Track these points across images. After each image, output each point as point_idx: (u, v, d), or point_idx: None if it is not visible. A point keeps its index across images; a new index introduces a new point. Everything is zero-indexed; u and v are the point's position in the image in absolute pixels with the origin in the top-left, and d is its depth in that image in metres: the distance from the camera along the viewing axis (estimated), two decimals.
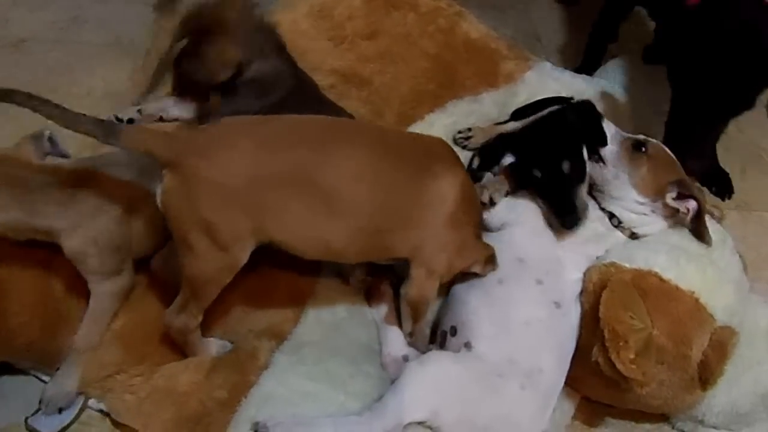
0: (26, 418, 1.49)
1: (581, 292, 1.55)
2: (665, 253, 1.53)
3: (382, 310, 1.65)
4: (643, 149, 1.63)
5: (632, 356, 1.35)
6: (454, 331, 1.54)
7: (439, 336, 1.61)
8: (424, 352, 1.54)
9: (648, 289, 1.46)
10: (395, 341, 1.60)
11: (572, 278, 1.57)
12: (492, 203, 1.66)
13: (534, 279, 1.54)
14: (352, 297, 1.70)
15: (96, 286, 1.52)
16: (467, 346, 1.49)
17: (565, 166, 1.60)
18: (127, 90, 2.22)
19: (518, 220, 1.65)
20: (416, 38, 2.21)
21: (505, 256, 1.58)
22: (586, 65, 2.53)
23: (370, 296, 1.67)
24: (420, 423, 1.37)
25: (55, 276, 1.55)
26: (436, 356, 1.48)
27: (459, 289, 1.61)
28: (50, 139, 1.57)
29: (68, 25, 2.55)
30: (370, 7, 2.21)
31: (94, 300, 1.52)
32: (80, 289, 1.54)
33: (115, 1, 2.67)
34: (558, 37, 2.84)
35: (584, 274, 1.57)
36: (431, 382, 1.39)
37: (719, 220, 1.70)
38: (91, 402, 1.52)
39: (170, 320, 1.46)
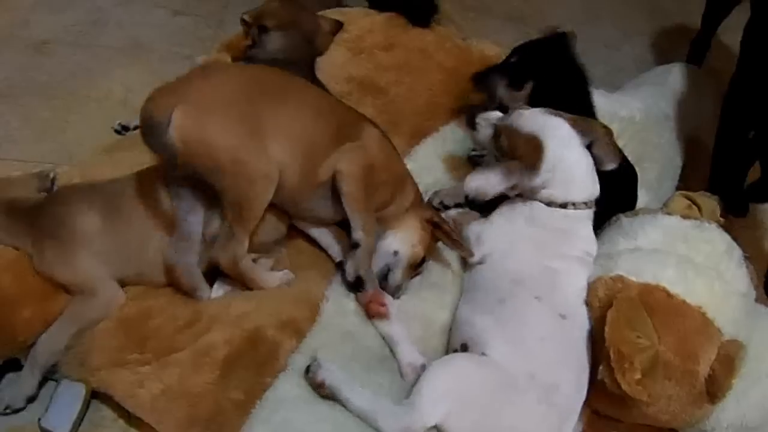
0: (39, 419, 1.51)
1: (588, 307, 1.56)
2: (673, 267, 1.52)
3: (387, 324, 1.65)
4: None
5: (638, 377, 1.35)
6: (465, 347, 1.55)
7: (450, 352, 1.62)
8: (370, 280, 1.65)
9: (655, 304, 1.46)
10: (408, 351, 1.61)
11: (572, 287, 1.58)
12: (445, 207, 1.84)
13: (532, 296, 1.55)
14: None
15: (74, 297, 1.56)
16: (483, 356, 1.49)
17: None
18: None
19: (496, 248, 1.68)
20: (432, 52, 2.25)
21: (500, 282, 1.60)
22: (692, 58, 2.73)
23: (371, 313, 1.66)
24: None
25: None
26: (459, 357, 1.50)
27: (462, 310, 1.64)
28: (53, 180, 1.69)
29: (89, 28, 2.58)
30: (390, 24, 2.27)
31: (68, 308, 1.55)
32: None
33: (135, 4, 2.71)
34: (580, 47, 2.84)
35: (589, 286, 1.58)
36: (453, 382, 1.41)
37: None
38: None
39: (217, 255, 1.55)
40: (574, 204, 1.66)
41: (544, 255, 1.63)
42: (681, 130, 2.33)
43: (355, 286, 1.67)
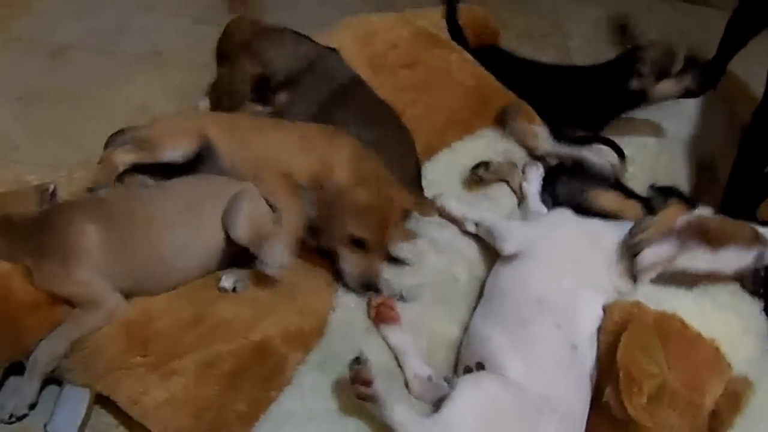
0: (45, 425, 1.52)
1: (599, 330, 1.55)
2: (692, 299, 1.52)
3: (394, 332, 1.65)
4: None
5: (644, 402, 1.34)
6: (481, 366, 1.54)
7: (462, 373, 1.60)
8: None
9: (669, 333, 1.45)
10: (415, 362, 1.61)
11: (589, 319, 1.57)
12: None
13: (554, 323, 1.54)
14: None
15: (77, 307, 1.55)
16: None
17: None
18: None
19: (535, 254, 1.68)
20: (455, 72, 2.24)
21: (523, 295, 1.60)
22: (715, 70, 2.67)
23: (379, 318, 1.66)
24: None
25: None
26: (489, 378, 1.48)
27: (479, 325, 1.63)
28: (53, 193, 1.67)
29: (111, 35, 2.61)
30: (414, 40, 2.27)
31: (70, 316, 1.54)
32: None
33: (158, 11, 2.74)
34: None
35: (605, 311, 1.57)
36: (482, 402, 1.40)
37: None
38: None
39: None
40: None
41: (578, 275, 1.62)
42: (693, 154, 2.34)
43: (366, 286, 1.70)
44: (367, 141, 1.82)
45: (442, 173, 2.07)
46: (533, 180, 2.03)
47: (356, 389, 1.38)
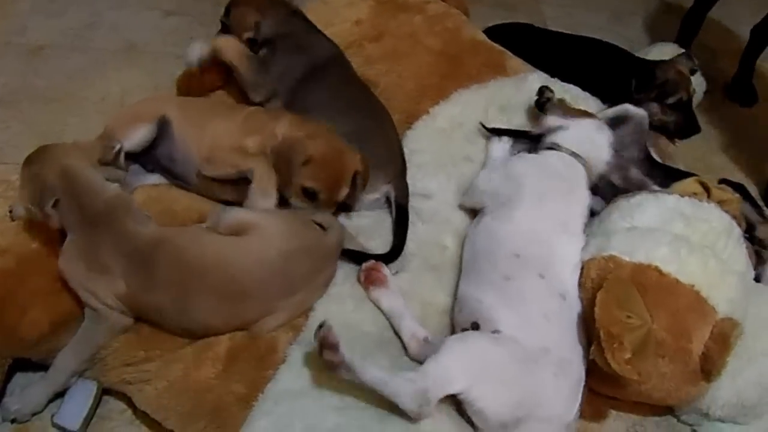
0: (52, 416, 1.54)
1: (580, 288, 1.56)
2: (667, 246, 1.51)
3: (384, 295, 1.65)
4: None
5: (628, 356, 1.34)
6: (476, 326, 1.55)
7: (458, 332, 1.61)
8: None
9: (647, 283, 1.46)
10: (410, 323, 1.61)
11: (567, 265, 1.59)
12: None
13: (536, 273, 1.55)
14: (359, 290, 1.69)
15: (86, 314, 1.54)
16: (496, 332, 1.49)
17: None
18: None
19: (503, 208, 1.70)
20: (422, 37, 2.22)
21: (501, 252, 1.60)
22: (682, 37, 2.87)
23: (369, 281, 1.67)
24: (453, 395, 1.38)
25: None
26: (476, 335, 1.50)
27: (468, 288, 1.63)
28: (118, 152, 1.66)
29: (84, 32, 2.61)
30: (376, 12, 2.25)
31: (78, 334, 1.54)
32: None
33: (129, 6, 2.74)
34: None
35: (582, 266, 1.58)
36: (468, 357, 1.41)
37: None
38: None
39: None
40: (574, 154, 1.78)
41: (541, 210, 1.65)
42: None
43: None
44: (344, 132, 1.81)
45: (425, 141, 2.05)
46: (498, 149, 2.02)
47: (325, 357, 1.37)
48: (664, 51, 2.54)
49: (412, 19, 2.25)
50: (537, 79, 2.14)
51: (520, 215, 1.66)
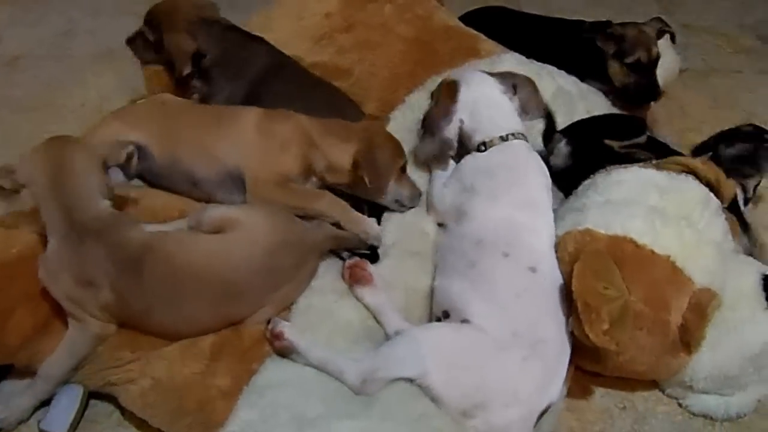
0: (39, 422, 1.54)
1: (558, 262, 1.56)
2: (641, 217, 1.51)
3: (368, 293, 1.65)
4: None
5: (605, 327, 1.34)
6: (446, 314, 1.56)
7: (434, 321, 1.63)
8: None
9: (623, 256, 1.46)
10: (393, 319, 1.61)
11: (536, 238, 1.59)
12: None
13: (500, 254, 1.55)
14: (340, 282, 1.69)
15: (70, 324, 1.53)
16: (465, 322, 1.50)
17: None
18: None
19: (453, 207, 1.73)
20: (393, 25, 2.22)
21: (464, 245, 1.61)
22: None
23: (354, 279, 1.67)
24: (410, 380, 1.40)
25: None
26: (437, 326, 1.54)
27: (438, 279, 1.64)
28: (129, 156, 1.59)
29: (61, 40, 2.62)
30: (345, 3, 2.25)
31: (62, 342, 1.52)
32: None
33: (105, 12, 2.75)
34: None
35: (558, 240, 1.58)
36: (425, 344, 1.43)
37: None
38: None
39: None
40: (504, 137, 1.75)
41: (498, 204, 1.64)
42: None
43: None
44: None
45: (403, 131, 2.02)
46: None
47: (276, 346, 1.49)
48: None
49: (382, 9, 2.25)
50: (510, 59, 2.14)
51: (479, 215, 1.65)
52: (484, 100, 1.81)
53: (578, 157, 1.93)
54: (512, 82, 1.85)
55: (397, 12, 2.25)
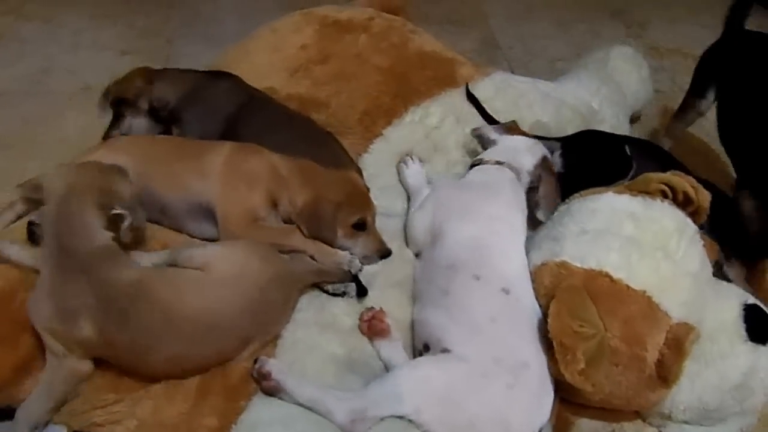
0: None
1: (535, 292, 1.56)
2: (617, 251, 1.50)
3: (386, 347, 1.62)
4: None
5: (581, 367, 1.34)
6: (426, 348, 1.55)
7: (416, 355, 1.61)
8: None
9: (599, 291, 1.45)
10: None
11: (506, 258, 1.61)
12: None
13: (471, 276, 1.55)
14: (322, 313, 1.68)
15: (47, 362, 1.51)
16: (445, 351, 1.49)
17: None
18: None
19: (425, 230, 1.77)
20: (369, 56, 2.23)
21: (436, 272, 1.61)
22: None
23: (372, 332, 1.63)
24: (401, 417, 1.39)
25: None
26: (422, 361, 1.51)
27: (416, 310, 1.64)
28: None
29: (39, 77, 2.63)
30: (321, 35, 2.26)
31: (41, 379, 1.51)
32: None
33: (83, 48, 2.76)
34: (519, 46, 2.89)
35: (535, 272, 1.58)
36: (414, 383, 1.42)
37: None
38: None
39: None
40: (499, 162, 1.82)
41: (469, 221, 1.66)
42: (629, 109, 2.38)
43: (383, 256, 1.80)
44: None
45: (382, 165, 2.06)
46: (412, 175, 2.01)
47: (263, 386, 1.46)
48: (624, 52, 2.53)
49: (358, 39, 2.27)
50: (489, 83, 2.17)
51: (450, 234, 1.66)
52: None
53: (570, 170, 1.96)
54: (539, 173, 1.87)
55: (372, 42, 2.26)
